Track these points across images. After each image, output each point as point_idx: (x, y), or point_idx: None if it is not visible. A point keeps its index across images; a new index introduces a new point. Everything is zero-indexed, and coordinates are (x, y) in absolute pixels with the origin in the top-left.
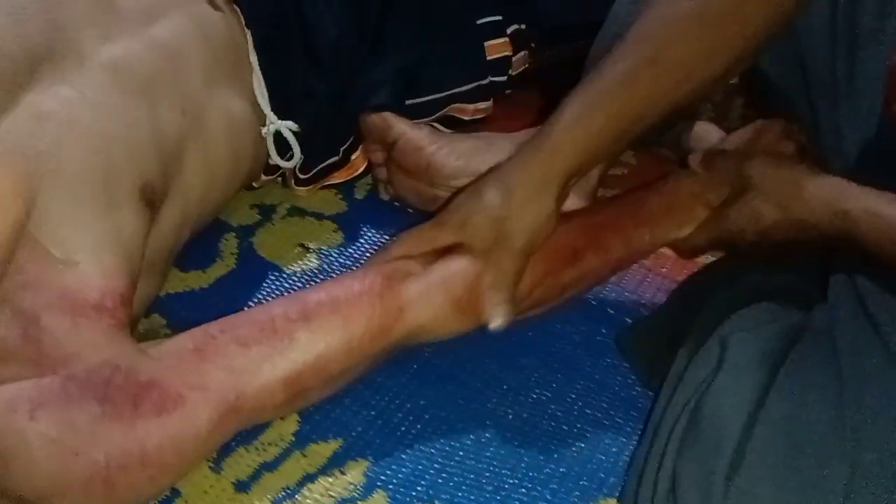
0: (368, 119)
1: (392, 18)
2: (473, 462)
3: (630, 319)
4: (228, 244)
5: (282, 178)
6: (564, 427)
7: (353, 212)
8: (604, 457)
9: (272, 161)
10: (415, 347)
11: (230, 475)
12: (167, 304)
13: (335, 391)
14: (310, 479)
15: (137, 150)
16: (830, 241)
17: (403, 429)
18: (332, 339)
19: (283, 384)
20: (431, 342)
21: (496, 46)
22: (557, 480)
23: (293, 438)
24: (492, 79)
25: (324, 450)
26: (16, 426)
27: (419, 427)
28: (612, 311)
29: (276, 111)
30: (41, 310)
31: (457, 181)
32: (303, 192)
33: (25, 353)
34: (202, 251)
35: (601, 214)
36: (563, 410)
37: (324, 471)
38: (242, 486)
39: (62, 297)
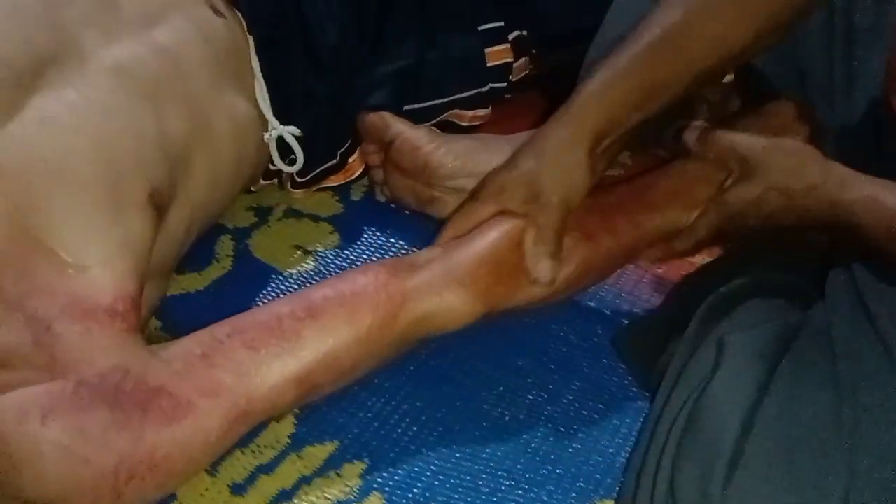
0: (366, 118)
1: (392, 20)
2: (470, 464)
3: (626, 320)
4: (224, 246)
5: (278, 181)
6: (561, 428)
7: (350, 213)
8: (600, 458)
9: (274, 166)
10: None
11: (226, 478)
12: (162, 307)
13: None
14: (306, 482)
15: (145, 154)
16: (832, 229)
17: (400, 431)
18: (340, 334)
19: (294, 384)
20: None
21: (497, 53)
22: (554, 482)
23: (289, 441)
24: (492, 85)
25: (320, 452)
26: (27, 432)
27: (415, 429)
28: (609, 312)
29: (277, 114)
30: (53, 316)
31: (454, 181)
32: (299, 195)
33: (37, 359)
34: (198, 253)
35: (609, 198)
36: (560, 411)
37: (320, 473)
38: (238, 489)
39: (74, 303)
